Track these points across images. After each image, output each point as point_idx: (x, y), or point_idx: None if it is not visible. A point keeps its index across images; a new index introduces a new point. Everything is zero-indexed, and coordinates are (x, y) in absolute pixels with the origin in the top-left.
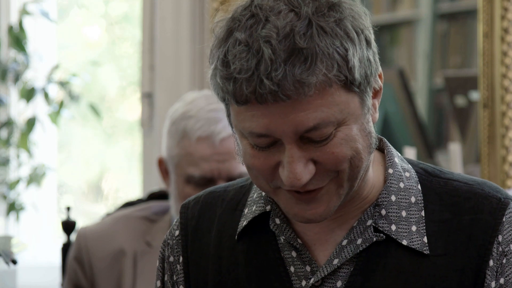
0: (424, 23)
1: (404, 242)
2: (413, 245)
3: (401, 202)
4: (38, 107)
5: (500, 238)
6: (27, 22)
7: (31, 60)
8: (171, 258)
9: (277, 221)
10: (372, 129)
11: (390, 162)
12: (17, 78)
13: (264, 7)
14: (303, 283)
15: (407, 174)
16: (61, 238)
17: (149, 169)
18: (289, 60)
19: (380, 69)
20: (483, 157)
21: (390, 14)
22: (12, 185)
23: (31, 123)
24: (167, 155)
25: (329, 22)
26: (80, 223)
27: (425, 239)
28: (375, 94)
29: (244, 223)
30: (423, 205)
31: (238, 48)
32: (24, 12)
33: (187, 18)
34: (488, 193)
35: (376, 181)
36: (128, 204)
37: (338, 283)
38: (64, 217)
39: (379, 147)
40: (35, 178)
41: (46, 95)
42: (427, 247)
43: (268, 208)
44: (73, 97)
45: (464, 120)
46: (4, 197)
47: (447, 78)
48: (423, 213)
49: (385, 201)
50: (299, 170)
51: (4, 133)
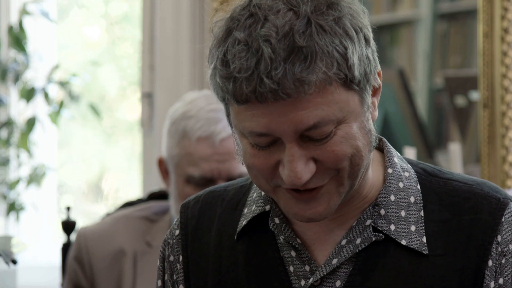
0: (424, 23)
1: (403, 242)
2: (412, 245)
3: (400, 202)
4: (38, 107)
5: (499, 238)
6: (27, 22)
7: (31, 60)
8: (171, 258)
9: (276, 221)
10: (372, 127)
11: (390, 162)
12: (17, 78)
13: (263, 7)
14: (302, 283)
15: (407, 174)
16: (61, 238)
17: (149, 169)
18: (289, 59)
19: (379, 67)
20: (483, 157)
21: (390, 14)
22: (12, 185)
23: (31, 123)
24: (167, 155)
25: (328, 21)
26: (80, 223)
27: (424, 239)
28: (374, 92)
29: (244, 223)
30: (422, 205)
31: (238, 48)
32: (24, 12)
33: (187, 18)
34: (488, 193)
35: (376, 181)
36: (128, 204)
37: (337, 283)
38: (64, 217)
39: (379, 147)
40: (35, 178)
41: (46, 95)
42: (426, 247)
43: (268, 208)
44: (73, 97)
45: (464, 120)
46: (4, 197)
47: (447, 78)
48: (422, 213)
49: (384, 201)
50: (300, 169)
51: (4, 133)
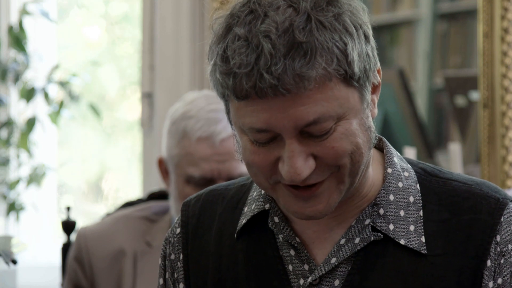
0: (424, 23)
1: (402, 242)
2: (411, 245)
3: (400, 202)
4: (38, 107)
5: (498, 238)
6: (27, 22)
7: (31, 60)
8: (172, 256)
9: (276, 220)
10: (372, 124)
11: (389, 162)
12: (17, 78)
13: (263, 3)
14: (301, 282)
15: (406, 174)
16: (61, 238)
17: (149, 169)
18: (289, 54)
19: (379, 65)
20: (483, 157)
21: (390, 14)
22: (12, 185)
23: (31, 123)
24: (167, 155)
25: (328, 17)
26: (80, 223)
27: (423, 239)
28: (374, 90)
29: (244, 222)
30: (422, 205)
31: (238, 43)
32: (24, 12)
33: (187, 18)
34: (487, 193)
35: (375, 180)
36: (128, 204)
37: (336, 282)
38: (64, 217)
39: (379, 147)
40: (35, 178)
41: (46, 95)
42: (425, 247)
43: (267, 207)
44: (73, 97)
45: (464, 120)
46: (4, 197)
47: (447, 78)
48: (422, 213)
49: (384, 201)
50: (299, 165)
51: (4, 133)
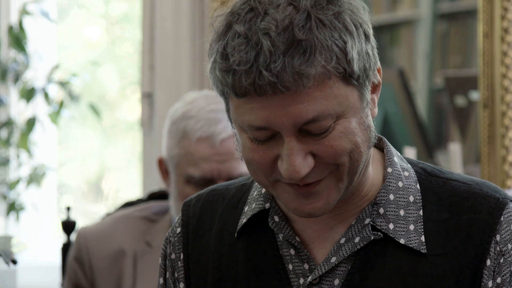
0: (424, 23)
1: (402, 241)
2: (411, 244)
3: (400, 201)
4: (38, 107)
5: (498, 238)
6: (27, 22)
7: (31, 60)
8: (173, 255)
9: (276, 219)
10: (371, 123)
11: (389, 161)
12: (17, 78)
13: (263, 1)
14: (301, 281)
15: (406, 174)
16: (61, 238)
17: (149, 169)
18: (288, 52)
19: (379, 64)
20: (483, 157)
21: (390, 14)
22: (12, 185)
23: (31, 123)
24: (167, 155)
25: (328, 15)
26: (80, 223)
27: (423, 238)
28: (374, 89)
29: (244, 221)
30: (422, 205)
31: (237, 41)
32: (24, 12)
33: (187, 18)
34: (487, 193)
35: (375, 180)
36: (128, 204)
37: (336, 281)
38: (64, 217)
39: (379, 146)
40: (35, 178)
41: (46, 95)
42: (425, 246)
43: (268, 206)
44: (73, 97)
45: (464, 120)
46: (4, 197)
47: (447, 78)
48: (421, 213)
49: (384, 200)
50: (298, 163)
51: (4, 133)
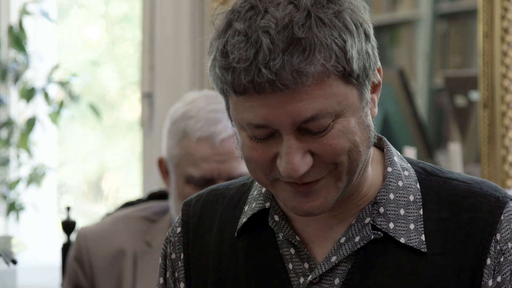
0: (424, 23)
1: (402, 240)
2: (411, 243)
3: (400, 200)
4: (38, 107)
5: (498, 237)
6: (27, 22)
7: (31, 60)
8: (173, 255)
9: (276, 218)
10: (371, 123)
11: (389, 161)
12: (17, 78)
13: None
14: (301, 280)
15: (406, 173)
16: (61, 238)
17: (149, 169)
18: (288, 50)
19: (379, 64)
20: (483, 157)
21: (390, 14)
22: (12, 185)
23: (31, 123)
24: (167, 155)
25: (328, 14)
26: (80, 223)
27: (423, 237)
28: (374, 89)
29: (244, 220)
30: (422, 204)
31: (237, 38)
32: (24, 12)
33: (187, 18)
34: (487, 192)
35: (375, 180)
36: (128, 204)
37: (336, 281)
38: (64, 217)
39: (379, 146)
40: (35, 178)
41: (46, 95)
42: (425, 245)
43: (268, 205)
44: (73, 97)
45: (464, 120)
46: (4, 197)
47: (447, 78)
48: (422, 212)
49: (384, 199)
50: (297, 161)
51: (4, 133)
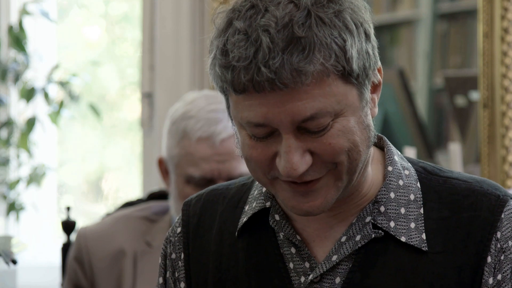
0: (424, 23)
1: (403, 239)
2: (412, 242)
3: (400, 199)
4: (38, 107)
5: (499, 235)
6: (27, 22)
7: (31, 60)
8: (173, 255)
9: (277, 218)
10: (371, 123)
11: (390, 160)
12: (17, 78)
13: None
14: (302, 279)
15: (407, 172)
16: (61, 238)
17: (149, 169)
18: (287, 49)
19: (380, 64)
20: (483, 157)
21: (390, 14)
22: (12, 185)
23: (31, 123)
24: (167, 155)
25: (328, 13)
26: (80, 223)
27: (424, 236)
28: (374, 89)
29: (244, 220)
30: (422, 203)
31: (237, 37)
32: (24, 12)
33: (187, 18)
34: (487, 191)
35: (375, 179)
36: (128, 204)
37: (337, 280)
38: (64, 217)
39: (379, 146)
40: (35, 178)
41: (46, 95)
42: (426, 244)
43: (268, 205)
44: (73, 97)
45: (464, 120)
46: (4, 197)
47: (447, 78)
48: (422, 211)
49: (384, 198)
50: (296, 160)
51: (4, 133)
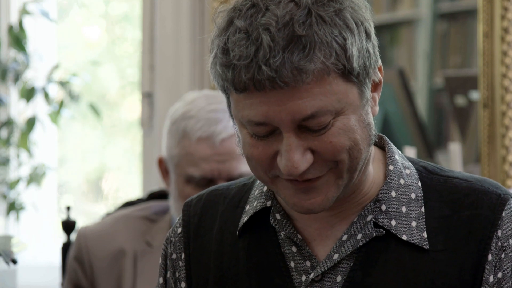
0: (424, 23)
1: (404, 237)
2: (413, 240)
3: (401, 198)
4: (38, 107)
5: (500, 233)
6: (27, 22)
7: (31, 60)
8: (174, 255)
9: (278, 217)
10: (372, 121)
11: (391, 159)
12: (17, 78)
13: None
14: (303, 278)
15: (408, 171)
16: (61, 238)
17: (149, 169)
18: (288, 48)
19: (380, 62)
20: (483, 157)
21: (390, 14)
22: (12, 185)
23: (31, 123)
24: (167, 155)
25: (329, 12)
26: (80, 223)
27: (425, 234)
28: (375, 87)
29: (245, 219)
30: (423, 202)
31: (238, 36)
32: (24, 12)
33: (187, 18)
34: (488, 189)
35: (377, 178)
36: (128, 204)
37: (338, 278)
38: (64, 217)
39: (380, 145)
40: (35, 178)
41: (46, 95)
42: (427, 242)
43: (269, 204)
44: (73, 97)
45: (464, 120)
46: (4, 197)
47: (447, 78)
48: (423, 209)
49: (385, 197)
50: (297, 158)
51: (4, 133)
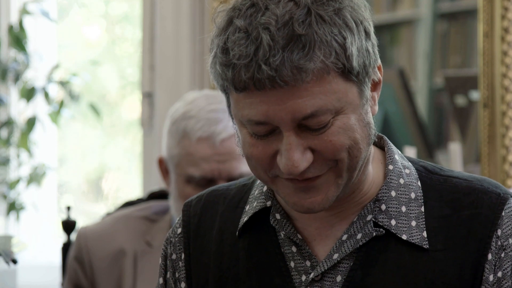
0: (424, 23)
1: (404, 237)
2: (413, 240)
3: (401, 198)
4: (38, 107)
5: (499, 232)
6: (27, 22)
7: (31, 60)
8: (174, 256)
9: (277, 217)
10: (371, 120)
11: (391, 159)
12: (17, 78)
13: None
14: (303, 278)
15: (407, 171)
16: (61, 238)
17: (149, 169)
18: (288, 47)
19: (380, 62)
20: (483, 157)
21: (390, 14)
22: (12, 185)
23: (31, 123)
24: (167, 155)
25: (328, 11)
26: (80, 223)
27: (425, 234)
28: (375, 87)
29: (245, 219)
30: (423, 201)
31: (238, 35)
32: (24, 12)
33: (187, 18)
34: (488, 189)
35: (376, 178)
36: (128, 204)
37: (338, 278)
38: (64, 217)
39: (380, 145)
40: (35, 178)
41: (46, 95)
42: (427, 242)
43: (269, 204)
44: (73, 97)
45: (464, 120)
46: (4, 197)
47: (447, 78)
48: (423, 209)
49: (385, 197)
50: (297, 158)
51: (4, 133)
